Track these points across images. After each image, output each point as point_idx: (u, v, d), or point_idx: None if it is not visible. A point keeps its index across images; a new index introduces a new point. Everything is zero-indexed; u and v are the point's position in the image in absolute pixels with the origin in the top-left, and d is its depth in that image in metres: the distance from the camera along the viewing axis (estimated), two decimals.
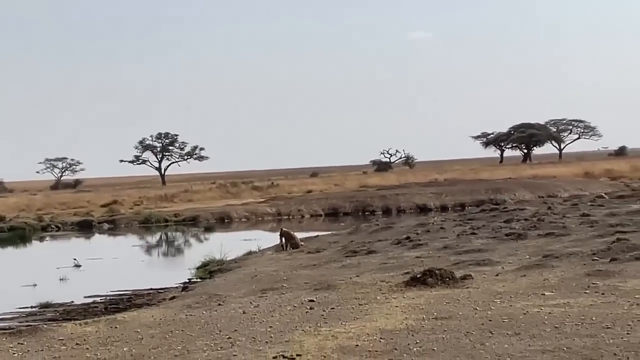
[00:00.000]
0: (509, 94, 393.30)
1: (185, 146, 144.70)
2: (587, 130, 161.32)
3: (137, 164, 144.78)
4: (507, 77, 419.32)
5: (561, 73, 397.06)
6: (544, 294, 13.93)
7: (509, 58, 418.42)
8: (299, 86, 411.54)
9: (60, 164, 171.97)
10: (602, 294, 13.57)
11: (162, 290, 24.12)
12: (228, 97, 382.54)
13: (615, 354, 9.59)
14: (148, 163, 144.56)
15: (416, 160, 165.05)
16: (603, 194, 44.21)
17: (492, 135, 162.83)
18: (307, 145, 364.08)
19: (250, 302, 15.84)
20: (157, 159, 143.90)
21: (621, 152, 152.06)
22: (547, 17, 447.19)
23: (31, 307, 22.18)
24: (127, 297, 23.64)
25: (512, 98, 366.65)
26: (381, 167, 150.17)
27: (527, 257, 19.29)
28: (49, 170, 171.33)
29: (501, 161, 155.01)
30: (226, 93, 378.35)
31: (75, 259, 33.17)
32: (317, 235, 35.83)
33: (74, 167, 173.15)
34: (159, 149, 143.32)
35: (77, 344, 12.89)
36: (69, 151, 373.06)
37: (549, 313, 12.14)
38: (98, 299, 23.42)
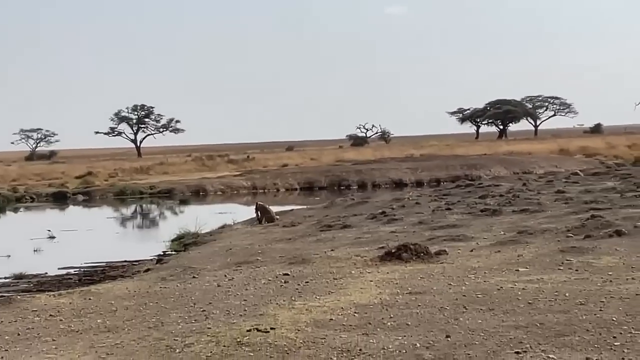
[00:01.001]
0: (486, 69, 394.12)
1: (161, 118, 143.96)
2: (563, 107, 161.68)
3: (113, 135, 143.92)
4: (483, 53, 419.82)
5: (538, 50, 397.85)
6: (518, 270, 13.98)
7: (485, 33, 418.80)
8: (275, 60, 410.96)
9: (35, 135, 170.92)
10: (576, 270, 13.63)
11: (136, 263, 24.07)
12: (205, 70, 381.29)
13: (588, 330, 9.63)
14: (123, 135, 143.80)
15: (392, 136, 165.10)
16: (578, 171, 44.44)
17: (468, 111, 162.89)
18: (283, 119, 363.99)
19: (225, 276, 15.83)
20: (133, 131, 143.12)
21: (596, 129, 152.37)
22: None
23: (4, 278, 22.07)
24: (101, 269, 23.56)
25: (489, 74, 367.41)
26: (357, 141, 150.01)
27: (502, 233, 19.35)
28: (23, 141, 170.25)
29: (477, 137, 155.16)
30: (203, 66, 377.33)
31: (49, 231, 33.04)
32: (292, 209, 35.82)
33: (49, 138, 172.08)
34: (134, 121, 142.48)
35: (50, 315, 12.85)
36: (44, 122, 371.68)
37: (523, 289, 12.19)
38: (72, 271, 23.33)
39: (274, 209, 31.48)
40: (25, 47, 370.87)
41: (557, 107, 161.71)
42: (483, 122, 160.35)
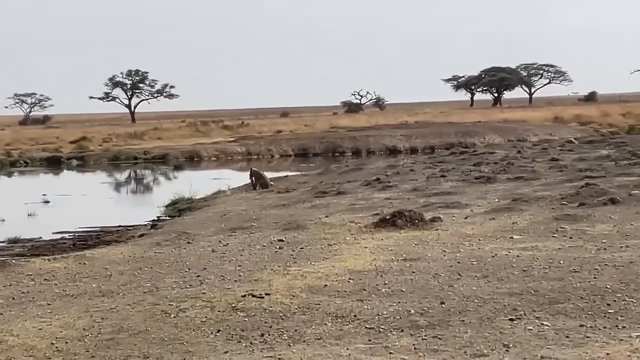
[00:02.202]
0: (481, 36, 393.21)
1: (156, 84, 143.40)
2: (558, 75, 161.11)
3: (107, 101, 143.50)
4: (478, 20, 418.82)
5: (533, 17, 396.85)
6: (512, 237, 14.01)
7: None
8: (270, 26, 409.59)
9: (29, 100, 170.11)
10: (570, 238, 13.67)
11: (131, 228, 24.06)
12: (200, 35, 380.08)
13: (582, 297, 9.67)
14: (118, 100, 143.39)
15: (387, 102, 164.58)
16: (572, 139, 44.42)
17: (463, 79, 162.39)
18: (278, 85, 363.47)
19: (220, 241, 15.84)
20: (127, 96, 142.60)
21: (591, 97, 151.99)
22: None
23: None
24: (96, 233, 23.55)
25: (484, 41, 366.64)
26: (352, 108, 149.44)
27: (496, 200, 19.37)
28: (17, 105, 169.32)
29: (471, 104, 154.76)
30: (198, 31, 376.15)
31: (44, 195, 33.03)
32: (287, 176, 35.79)
33: (43, 102, 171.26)
34: (129, 86, 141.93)
35: (45, 279, 12.88)
36: (38, 87, 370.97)
37: (517, 256, 12.22)
38: (66, 235, 23.33)
39: (269, 175, 31.45)
40: (19, 11, 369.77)
41: (552, 75, 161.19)
42: (478, 90, 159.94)
